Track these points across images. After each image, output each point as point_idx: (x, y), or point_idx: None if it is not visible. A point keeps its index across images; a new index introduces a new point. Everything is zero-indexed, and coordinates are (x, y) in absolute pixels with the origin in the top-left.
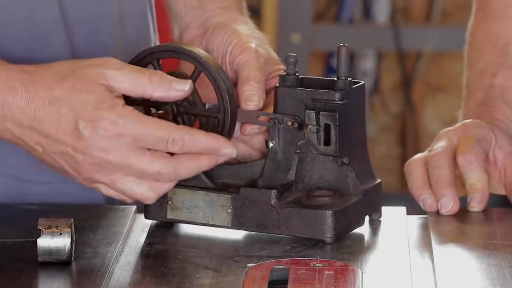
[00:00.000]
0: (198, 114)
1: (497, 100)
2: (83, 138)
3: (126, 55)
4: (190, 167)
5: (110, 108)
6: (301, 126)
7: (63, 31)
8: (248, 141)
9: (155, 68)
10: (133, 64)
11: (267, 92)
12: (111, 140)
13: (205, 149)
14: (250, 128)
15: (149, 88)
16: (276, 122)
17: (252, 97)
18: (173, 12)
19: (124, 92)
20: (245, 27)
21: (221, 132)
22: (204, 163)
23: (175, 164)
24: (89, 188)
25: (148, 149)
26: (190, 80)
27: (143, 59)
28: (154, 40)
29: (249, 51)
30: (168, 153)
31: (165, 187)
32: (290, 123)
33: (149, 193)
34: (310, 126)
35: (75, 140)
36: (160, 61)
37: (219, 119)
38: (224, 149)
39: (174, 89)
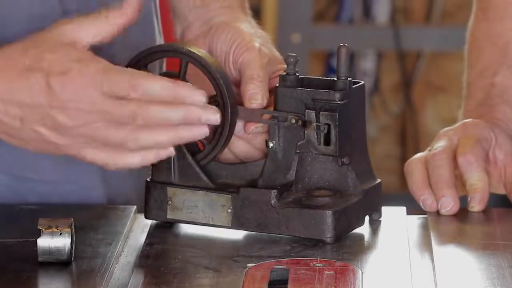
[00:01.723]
0: None
1: (497, 100)
2: (55, 93)
3: (129, 54)
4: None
5: (78, 60)
6: (305, 123)
7: None
8: (250, 140)
9: (160, 68)
10: (133, 64)
11: (270, 92)
12: (82, 90)
13: (168, 96)
14: (254, 127)
15: (107, 25)
16: (280, 120)
17: (256, 95)
18: (176, 12)
19: (90, 41)
20: (249, 26)
21: (221, 130)
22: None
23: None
24: (89, 187)
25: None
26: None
27: (143, 59)
28: (159, 42)
29: (253, 50)
30: None
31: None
32: (294, 121)
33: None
34: (314, 124)
35: (50, 98)
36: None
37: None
38: (191, 96)
39: (125, 13)
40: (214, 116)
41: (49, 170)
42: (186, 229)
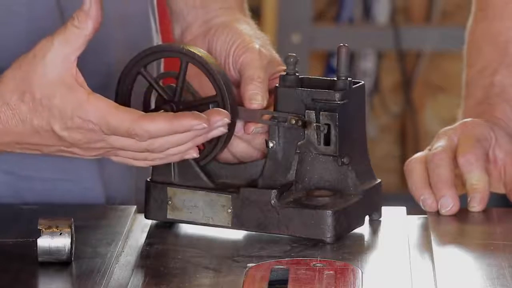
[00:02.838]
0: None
1: (496, 98)
2: (65, 139)
3: (127, 55)
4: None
5: (77, 107)
6: (305, 124)
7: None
8: (250, 141)
9: (158, 69)
10: (133, 65)
11: (269, 93)
12: (89, 134)
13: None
14: (254, 127)
15: (83, 34)
16: (280, 121)
17: (256, 95)
18: (175, 12)
19: (73, 58)
20: (248, 27)
21: None
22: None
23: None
24: (89, 187)
25: None
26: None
27: (143, 59)
28: (157, 41)
29: (253, 51)
30: None
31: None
32: (294, 121)
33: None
34: (314, 124)
35: (60, 141)
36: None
37: None
38: (190, 125)
39: (88, 13)
40: (222, 127)
41: (48, 169)
42: (186, 229)
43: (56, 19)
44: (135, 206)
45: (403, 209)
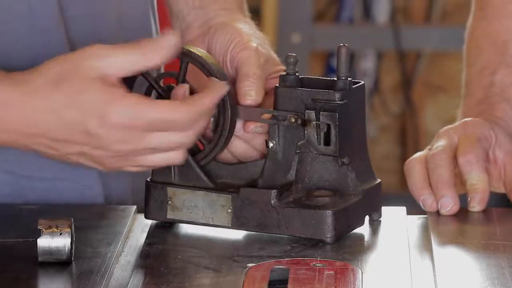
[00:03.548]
0: None
1: (496, 98)
2: (95, 136)
3: None
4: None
5: (112, 101)
6: (305, 122)
7: (63, 28)
8: (249, 141)
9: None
10: None
11: (268, 93)
12: (124, 132)
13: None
14: (253, 126)
15: (142, 61)
16: (279, 119)
17: (250, 91)
18: (175, 13)
19: (121, 75)
20: (247, 27)
21: (221, 130)
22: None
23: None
24: (88, 186)
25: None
26: (174, 33)
27: None
28: None
29: (250, 50)
30: None
31: (186, 141)
32: (293, 120)
33: (177, 156)
34: (314, 122)
35: (89, 139)
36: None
37: (219, 116)
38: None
39: (165, 48)
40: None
41: (47, 167)
42: (186, 229)
43: (57, 18)
44: (135, 206)
45: (403, 209)
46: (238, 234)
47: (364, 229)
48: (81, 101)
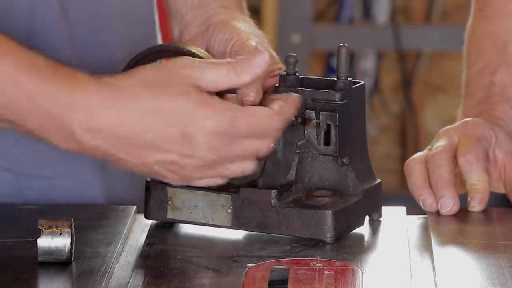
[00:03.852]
0: None
1: (496, 98)
2: (190, 142)
3: (132, 52)
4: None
5: (210, 108)
6: (305, 121)
7: (64, 26)
8: None
9: None
10: (133, 65)
11: (267, 92)
12: (218, 138)
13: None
14: None
15: (235, 78)
16: None
17: (248, 92)
18: (174, 12)
19: (211, 88)
20: (246, 25)
21: None
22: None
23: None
24: (87, 184)
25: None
26: (266, 52)
27: (143, 59)
28: (159, 41)
29: (249, 48)
30: None
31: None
32: (294, 118)
33: (250, 165)
34: (314, 121)
35: (182, 146)
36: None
37: None
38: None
39: (257, 67)
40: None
41: (47, 166)
42: (186, 229)
43: (58, 16)
44: (135, 206)
45: (403, 209)
46: (238, 234)
47: (364, 229)
48: (180, 107)
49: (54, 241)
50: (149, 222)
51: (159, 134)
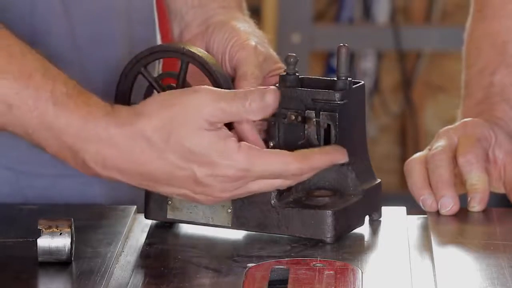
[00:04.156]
0: None
1: (496, 98)
2: (202, 184)
3: (132, 52)
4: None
5: (223, 153)
6: (305, 120)
7: (65, 23)
8: None
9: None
10: (133, 65)
11: None
12: (231, 183)
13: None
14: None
15: (245, 114)
16: (279, 117)
17: None
18: (173, 12)
19: (223, 122)
20: (246, 25)
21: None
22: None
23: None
24: (88, 182)
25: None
26: (275, 89)
27: (143, 59)
28: (159, 41)
29: (248, 48)
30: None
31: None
32: (293, 117)
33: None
34: (314, 120)
35: (194, 186)
36: (162, 60)
37: None
38: (339, 160)
39: (270, 106)
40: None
41: (48, 165)
42: (186, 229)
43: (59, 15)
44: (135, 206)
45: (403, 209)
46: (238, 234)
47: (364, 229)
48: (192, 151)
49: (54, 241)
50: (149, 222)
51: (171, 177)
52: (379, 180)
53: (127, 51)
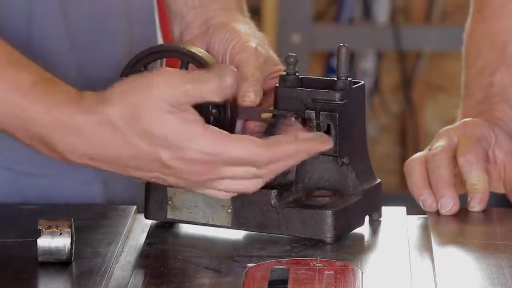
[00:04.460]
0: (198, 112)
1: (496, 98)
2: (168, 167)
3: (132, 52)
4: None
5: (187, 136)
6: (305, 121)
7: (62, 23)
8: None
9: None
10: (133, 65)
11: (267, 93)
12: (199, 166)
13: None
14: (253, 125)
15: (205, 95)
16: (279, 117)
17: (248, 93)
18: (174, 12)
19: (186, 104)
20: (247, 27)
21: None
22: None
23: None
24: (87, 182)
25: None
26: (233, 70)
27: (143, 59)
28: (159, 41)
29: (249, 50)
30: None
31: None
32: (293, 119)
33: (253, 185)
34: (314, 122)
35: (162, 169)
36: (165, 60)
37: (219, 116)
38: (318, 148)
39: (227, 87)
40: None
41: (47, 164)
42: (186, 229)
43: (56, 13)
44: (135, 206)
45: (403, 209)
46: (238, 234)
47: (364, 229)
48: (156, 134)
49: (54, 241)
50: (149, 222)
51: (138, 161)
52: (379, 180)
53: (127, 51)
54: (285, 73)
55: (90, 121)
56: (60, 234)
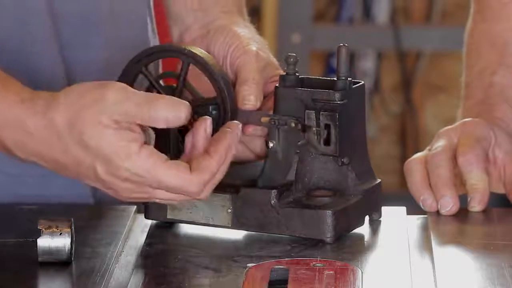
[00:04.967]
0: (198, 114)
1: (496, 99)
2: (104, 181)
3: (120, 53)
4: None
5: (122, 154)
6: (305, 127)
7: (49, 22)
8: (247, 143)
9: (156, 69)
10: (133, 65)
11: (267, 97)
12: (132, 185)
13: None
14: (253, 129)
15: (149, 120)
16: (279, 124)
17: (249, 96)
18: (173, 15)
19: (128, 122)
20: (247, 31)
21: None
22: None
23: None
24: (79, 183)
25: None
26: (186, 104)
27: (144, 59)
28: (154, 42)
29: (250, 54)
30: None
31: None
32: (294, 125)
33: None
34: (314, 129)
35: (98, 182)
36: (161, 61)
37: (219, 119)
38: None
39: (175, 115)
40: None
41: (36, 166)
42: (186, 229)
43: (43, 12)
44: (135, 206)
45: (403, 209)
46: (238, 234)
47: (364, 229)
48: (92, 147)
49: (54, 241)
50: (149, 222)
51: (77, 167)
52: (379, 180)
53: (115, 53)
54: (285, 73)
55: (38, 123)
56: (60, 234)
